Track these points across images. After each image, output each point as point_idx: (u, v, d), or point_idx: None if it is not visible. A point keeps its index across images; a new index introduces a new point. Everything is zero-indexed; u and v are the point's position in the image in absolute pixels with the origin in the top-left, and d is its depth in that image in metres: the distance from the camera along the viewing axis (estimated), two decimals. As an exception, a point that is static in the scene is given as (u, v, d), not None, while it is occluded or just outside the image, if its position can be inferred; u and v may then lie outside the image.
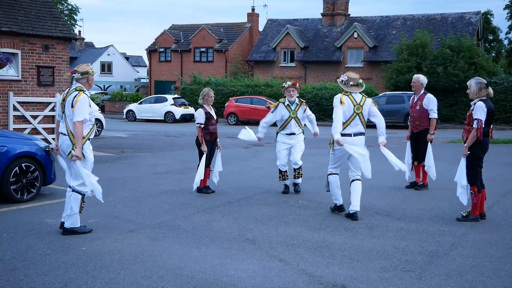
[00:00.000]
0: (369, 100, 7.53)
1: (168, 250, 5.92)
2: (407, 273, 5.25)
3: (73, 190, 6.45)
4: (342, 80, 7.52)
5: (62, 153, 6.51)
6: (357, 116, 7.39)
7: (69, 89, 6.44)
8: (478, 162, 7.29)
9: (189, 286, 4.85)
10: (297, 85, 9.17)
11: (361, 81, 7.54)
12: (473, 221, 7.28)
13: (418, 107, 9.53)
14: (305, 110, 9.21)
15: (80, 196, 6.46)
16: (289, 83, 9.19)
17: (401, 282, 5.00)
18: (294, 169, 9.29)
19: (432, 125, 9.45)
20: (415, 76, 9.83)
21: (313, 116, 9.37)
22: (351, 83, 7.46)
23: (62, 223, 6.57)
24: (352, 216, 7.36)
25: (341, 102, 7.35)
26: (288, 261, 5.58)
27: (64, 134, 6.41)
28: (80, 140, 6.21)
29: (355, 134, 7.42)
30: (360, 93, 7.54)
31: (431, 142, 9.37)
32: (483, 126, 7.05)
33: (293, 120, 9.10)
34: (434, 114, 9.43)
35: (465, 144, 7.23)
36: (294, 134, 9.18)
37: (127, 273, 5.15)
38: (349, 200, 7.50)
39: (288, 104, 9.14)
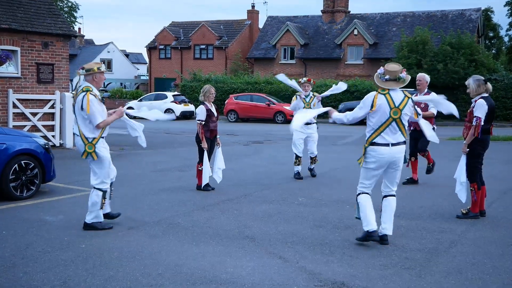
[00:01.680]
0: (410, 104, 5.96)
1: (167, 247, 5.92)
2: (407, 270, 5.24)
3: (94, 188, 6.51)
4: (378, 73, 6.01)
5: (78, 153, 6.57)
6: (394, 122, 5.86)
7: (77, 88, 6.47)
8: (477, 159, 7.29)
9: (188, 284, 4.84)
10: (312, 81, 10.71)
11: (402, 75, 5.90)
12: (473, 218, 7.27)
13: (423, 105, 9.32)
14: (319, 101, 10.60)
15: (101, 193, 6.50)
16: (305, 79, 10.71)
17: (401, 280, 4.99)
18: (311, 158, 10.75)
19: (428, 116, 8.99)
20: (421, 74, 9.82)
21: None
22: (387, 76, 5.90)
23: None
24: (382, 240, 6.03)
25: (372, 107, 5.86)
26: (288, 259, 5.57)
27: (77, 135, 6.45)
28: (111, 121, 6.45)
29: (394, 144, 5.90)
30: (402, 91, 6.03)
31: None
32: (483, 123, 7.05)
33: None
34: (433, 110, 9.22)
35: (464, 141, 7.24)
36: (309, 124, 10.34)
37: (126, 271, 5.15)
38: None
39: (303, 98, 10.52)
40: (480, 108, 7.06)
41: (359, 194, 6.18)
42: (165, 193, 8.98)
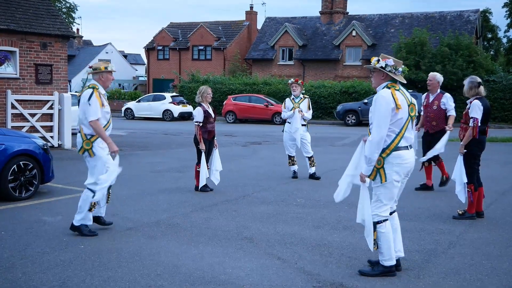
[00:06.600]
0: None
1: (166, 248, 5.92)
2: (405, 271, 5.25)
3: (87, 187, 6.43)
4: (385, 65, 5.07)
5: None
6: (411, 121, 5.02)
7: (84, 85, 6.54)
8: (475, 160, 7.32)
9: (186, 284, 4.85)
10: (299, 81, 10.61)
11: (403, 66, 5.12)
12: (469, 219, 7.29)
13: (435, 107, 9.14)
14: (308, 106, 10.54)
15: (91, 194, 6.38)
16: (292, 80, 10.71)
17: (399, 281, 5.00)
18: (308, 158, 10.61)
19: (451, 122, 9.00)
20: (432, 74, 9.38)
21: (307, 116, 10.53)
22: (400, 69, 5.03)
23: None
24: (398, 266, 5.23)
25: (397, 106, 4.85)
26: (286, 260, 5.58)
27: (78, 131, 6.43)
28: (104, 136, 6.25)
29: (411, 147, 5.05)
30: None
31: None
32: (479, 124, 7.09)
33: (296, 111, 10.37)
34: (453, 112, 9.08)
35: (461, 142, 7.27)
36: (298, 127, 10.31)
37: (125, 271, 5.15)
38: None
39: (293, 98, 10.56)
40: (476, 109, 7.10)
41: (381, 221, 5.03)
42: (163, 194, 8.98)
